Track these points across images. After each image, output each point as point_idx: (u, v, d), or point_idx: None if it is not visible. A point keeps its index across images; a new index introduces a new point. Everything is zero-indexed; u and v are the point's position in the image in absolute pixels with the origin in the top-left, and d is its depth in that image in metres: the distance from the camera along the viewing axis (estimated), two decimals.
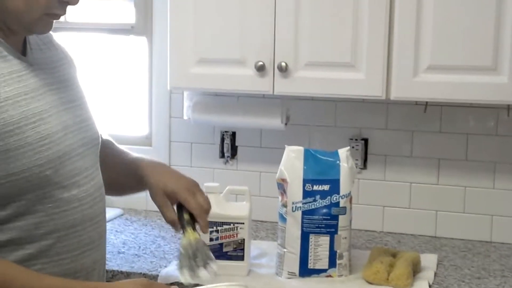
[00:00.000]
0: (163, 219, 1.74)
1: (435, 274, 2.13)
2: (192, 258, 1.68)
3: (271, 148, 2.63)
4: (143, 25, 2.78)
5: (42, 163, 1.44)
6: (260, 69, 2.26)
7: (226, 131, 2.70)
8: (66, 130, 1.54)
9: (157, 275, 2.12)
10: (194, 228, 1.70)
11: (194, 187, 1.77)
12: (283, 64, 2.24)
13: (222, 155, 2.71)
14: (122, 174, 1.84)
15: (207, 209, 1.74)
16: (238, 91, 2.41)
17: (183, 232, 1.70)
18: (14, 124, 1.41)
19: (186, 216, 1.71)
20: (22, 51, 1.56)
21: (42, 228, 1.48)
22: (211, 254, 1.69)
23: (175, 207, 1.75)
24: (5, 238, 1.45)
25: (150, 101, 2.82)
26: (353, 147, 2.26)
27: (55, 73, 1.62)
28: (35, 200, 1.46)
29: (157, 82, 2.76)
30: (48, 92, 1.54)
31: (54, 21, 1.57)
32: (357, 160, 2.50)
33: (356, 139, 2.57)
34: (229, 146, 2.70)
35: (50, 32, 1.63)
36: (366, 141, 2.57)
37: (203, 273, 1.65)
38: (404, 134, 2.54)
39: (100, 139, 1.73)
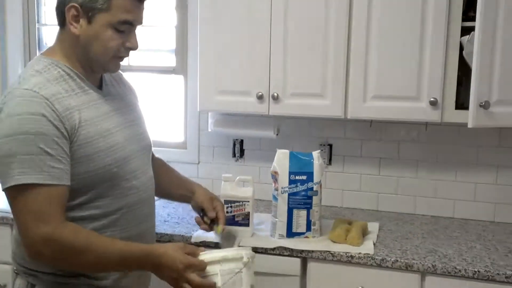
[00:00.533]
0: None
1: (377, 236, 2.15)
2: (227, 240, 1.86)
3: (267, 151, 2.64)
4: (181, 67, 2.80)
5: (111, 163, 1.47)
6: (260, 97, 2.28)
7: (236, 139, 2.71)
8: (128, 141, 1.55)
9: (191, 236, 2.11)
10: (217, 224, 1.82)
11: (217, 201, 1.87)
12: (275, 94, 2.26)
13: (234, 155, 2.73)
14: (174, 185, 1.88)
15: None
16: (245, 112, 2.40)
17: (214, 227, 1.83)
18: (91, 138, 1.43)
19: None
20: (99, 85, 1.55)
21: (111, 207, 1.50)
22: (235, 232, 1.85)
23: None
24: (86, 214, 1.46)
25: (185, 118, 2.82)
26: (322, 150, 2.27)
27: (121, 101, 1.62)
28: (107, 188, 1.48)
29: (190, 106, 2.77)
30: (116, 114, 1.54)
31: (121, 62, 1.55)
32: (324, 159, 2.53)
33: (324, 145, 2.59)
34: (239, 149, 2.72)
35: (120, 71, 1.64)
36: (331, 146, 2.59)
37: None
38: (356, 141, 2.57)
39: (152, 146, 1.73)
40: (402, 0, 2.11)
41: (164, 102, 2.90)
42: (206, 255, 1.45)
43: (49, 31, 3.08)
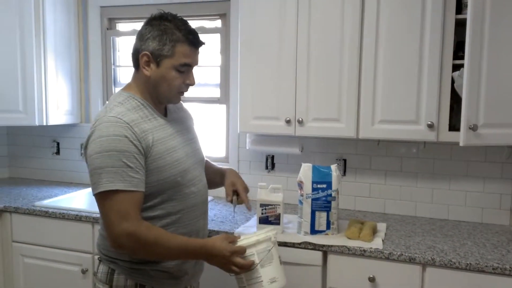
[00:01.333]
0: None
1: (385, 234, 2.12)
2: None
3: (293, 164, 2.65)
4: (224, 98, 2.83)
5: (176, 174, 1.50)
6: (288, 122, 2.29)
7: (268, 155, 2.71)
8: (188, 156, 1.57)
9: (233, 232, 2.10)
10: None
11: (245, 186, 1.83)
12: (300, 119, 2.27)
13: (266, 167, 2.72)
14: (213, 175, 1.86)
15: (247, 199, 1.81)
16: (275, 133, 2.40)
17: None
18: (161, 154, 1.46)
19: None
20: (164, 113, 1.59)
21: (175, 208, 1.52)
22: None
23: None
24: (156, 214, 1.49)
25: (227, 138, 2.84)
26: (338, 164, 2.25)
27: (181, 124, 1.65)
28: (172, 193, 1.51)
29: (231, 128, 2.79)
30: (178, 135, 1.57)
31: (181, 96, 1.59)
32: (340, 171, 2.49)
33: (339, 159, 2.57)
34: (270, 163, 2.72)
35: (181, 101, 1.68)
36: (345, 160, 2.57)
37: None
38: (366, 157, 2.54)
39: (204, 159, 1.75)
40: (403, 42, 2.10)
41: (210, 125, 2.93)
42: (243, 241, 1.51)
43: (122, 71, 3.16)
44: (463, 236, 2.14)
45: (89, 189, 2.97)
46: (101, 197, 1.38)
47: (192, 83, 1.54)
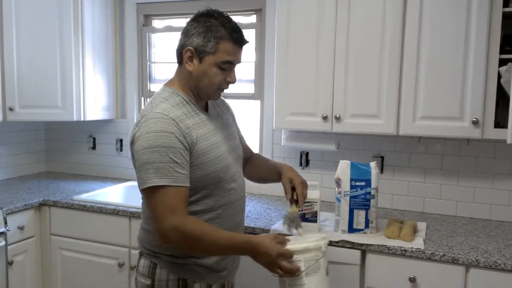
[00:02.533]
0: (270, 199, 1.77)
1: (426, 233, 2.07)
2: (291, 221, 1.72)
3: (328, 161, 2.62)
4: (258, 94, 2.82)
5: (219, 170, 1.50)
6: (325, 118, 2.26)
7: (303, 151, 2.69)
8: (228, 151, 1.57)
9: (269, 229, 2.09)
10: (296, 205, 1.72)
11: (303, 181, 1.75)
12: (337, 115, 2.24)
13: (301, 164, 2.69)
14: (269, 171, 1.83)
15: (305, 194, 1.72)
16: (312, 129, 2.36)
17: (291, 205, 1.72)
18: (205, 150, 1.47)
19: (294, 197, 1.72)
20: (205, 109, 1.59)
21: (218, 203, 1.53)
22: (301, 223, 1.71)
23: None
24: (199, 208, 1.50)
25: (261, 134, 2.83)
26: (375, 162, 2.21)
27: (222, 120, 1.65)
28: (214, 188, 1.51)
29: (265, 124, 2.78)
30: (219, 131, 1.57)
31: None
32: (378, 168, 2.44)
33: (376, 156, 2.53)
34: (305, 159, 2.69)
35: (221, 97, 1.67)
36: (382, 157, 2.53)
37: (294, 231, 1.69)
38: (405, 154, 2.49)
39: (242, 155, 1.73)
40: (448, 35, 2.04)
41: (244, 121, 2.88)
42: (292, 245, 1.46)
43: (158, 68, 3.19)
44: (507, 237, 2.06)
45: (125, 184, 3.02)
46: (149, 192, 1.39)
47: (233, 81, 1.53)
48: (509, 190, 2.31)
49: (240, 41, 1.50)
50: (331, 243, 1.97)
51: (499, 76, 1.99)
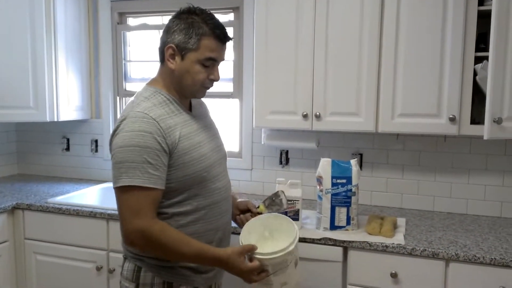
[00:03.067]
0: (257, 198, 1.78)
1: (405, 229, 2.10)
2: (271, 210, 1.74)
3: (308, 159, 2.63)
4: (237, 93, 2.80)
5: (202, 169, 1.48)
6: (305, 116, 2.26)
7: (283, 150, 2.68)
8: (212, 151, 1.56)
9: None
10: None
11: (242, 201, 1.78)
12: (317, 113, 2.24)
13: (281, 162, 2.69)
14: None
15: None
16: (292, 128, 2.36)
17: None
18: (187, 149, 1.45)
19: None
20: (189, 108, 1.57)
21: (202, 204, 1.51)
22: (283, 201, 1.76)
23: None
24: (183, 209, 1.48)
25: (240, 133, 2.81)
26: (355, 159, 2.21)
27: (204, 120, 1.64)
28: (198, 189, 1.49)
29: (244, 123, 2.77)
30: (203, 131, 1.56)
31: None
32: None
33: (355, 154, 2.54)
34: (285, 158, 2.69)
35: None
36: (361, 155, 2.55)
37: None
38: (383, 151, 2.51)
39: (226, 156, 1.71)
40: (424, 34, 2.07)
41: (223, 120, 2.89)
42: (261, 256, 1.47)
43: (133, 66, 3.13)
44: (484, 231, 2.11)
45: (101, 185, 2.96)
46: (119, 191, 1.38)
47: (217, 79, 1.52)
48: (484, 185, 2.36)
49: (223, 38, 1.48)
50: (313, 241, 1.99)
51: (475, 74, 2.03)
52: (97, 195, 2.87)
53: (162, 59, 1.51)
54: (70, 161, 3.23)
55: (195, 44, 1.43)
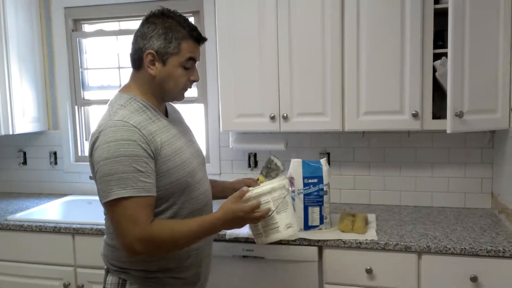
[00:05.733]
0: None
1: (376, 224, 2.13)
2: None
3: None
4: (202, 97, 2.77)
5: (185, 175, 1.46)
6: (272, 118, 2.26)
7: (251, 153, 2.68)
8: (192, 156, 1.54)
9: (225, 234, 2.03)
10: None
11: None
12: (285, 114, 2.24)
13: (249, 166, 2.68)
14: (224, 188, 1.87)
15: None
16: (259, 130, 2.36)
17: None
18: (170, 155, 1.42)
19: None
20: (165, 114, 1.55)
21: (186, 210, 1.50)
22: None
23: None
24: (168, 216, 1.45)
25: (207, 137, 2.78)
26: (324, 158, 2.22)
27: (181, 125, 1.64)
28: (182, 195, 1.47)
29: (211, 128, 2.74)
30: (181, 136, 1.54)
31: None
32: None
33: (323, 153, 2.57)
34: (253, 161, 2.68)
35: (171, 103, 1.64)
36: (329, 154, 2.58)
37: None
38: (349, 149, 2.55)
39: (205, 160, 1.71)
40: (384, 34, 2.11)
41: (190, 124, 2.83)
42: (258, 189, 1.54)
43: (91, 74, 3.03)
44: (450, 222, 2.18)
45: (63, 199, 2.84)
46: (111, 205, 1.32)
47: (197, 79, 1.52)
48: (447, 177, 2.44)
49: (200, 39, 1.49)
50: (288, 242, 1.99)
51: (434, 70, 2.09)
52: (59, 210, 2.75)
53: (138, 65, 1.47)
54: (28, 176, 3.08)
55: (176, 48, 1.43)
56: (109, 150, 1.31)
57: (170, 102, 1.65)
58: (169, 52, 1.42)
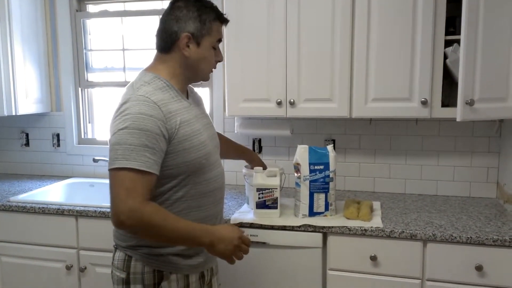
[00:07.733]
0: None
1: (381, 212, 2.12)
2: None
3: (281, 147, 2.61)
4: (207, 82, 2.73)
5: (201, 156, 1.48)
6: (279, 103, 2.23)
7: (255, 138, 2.66)
8: (209, 139, 1.56)
9: (229, 218, 2.05)
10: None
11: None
12: (292, 100, 2.22)
13: (254, 151, 2.64)
14: (231, 150, 2.10)
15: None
16: (265, 116, 2.32)
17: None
18: (188, 135, 1.44)
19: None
20: (186, 96, 1.56)
21: (198, 191, 1.51)
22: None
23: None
24: (178, 195, 1.47)
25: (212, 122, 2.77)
26: (331, 145, 2.20)
27: (200, 108, 1.65)
28: (195, 176, 1.49)
29: (215, 112, 2.71)
30: (200, 118, 1.56)
31: None
32: None
33: (328, 140, 2.55)
34: (258, 146, 2.67)
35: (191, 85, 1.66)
36: (334, 140, 2.55)
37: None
38: (355, 136, 2.53)
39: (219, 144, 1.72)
40: (395, 21, 2.08)
41: None
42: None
43: (95, 55, 2.99)
44: (455, 211, 2.16)
45: (66, 181, 2.83)
46: (114, 172, 1.33)
47: (221, 59, 1.58)
48: (453, 166, 2.42)
49: (225, 20, 1.55)
50: (293, 228, 1.99)
51: (445, 57, 2.06)
52: (62, 192, 2.73)
53: (168, 48, 1.50)
54: (30, 157, 3.06)
55: (209, 29, 1.48)
56: (125, 122, 1.34)
57: (190, 85, 1.65)
58: (204, 33, 1.47)
